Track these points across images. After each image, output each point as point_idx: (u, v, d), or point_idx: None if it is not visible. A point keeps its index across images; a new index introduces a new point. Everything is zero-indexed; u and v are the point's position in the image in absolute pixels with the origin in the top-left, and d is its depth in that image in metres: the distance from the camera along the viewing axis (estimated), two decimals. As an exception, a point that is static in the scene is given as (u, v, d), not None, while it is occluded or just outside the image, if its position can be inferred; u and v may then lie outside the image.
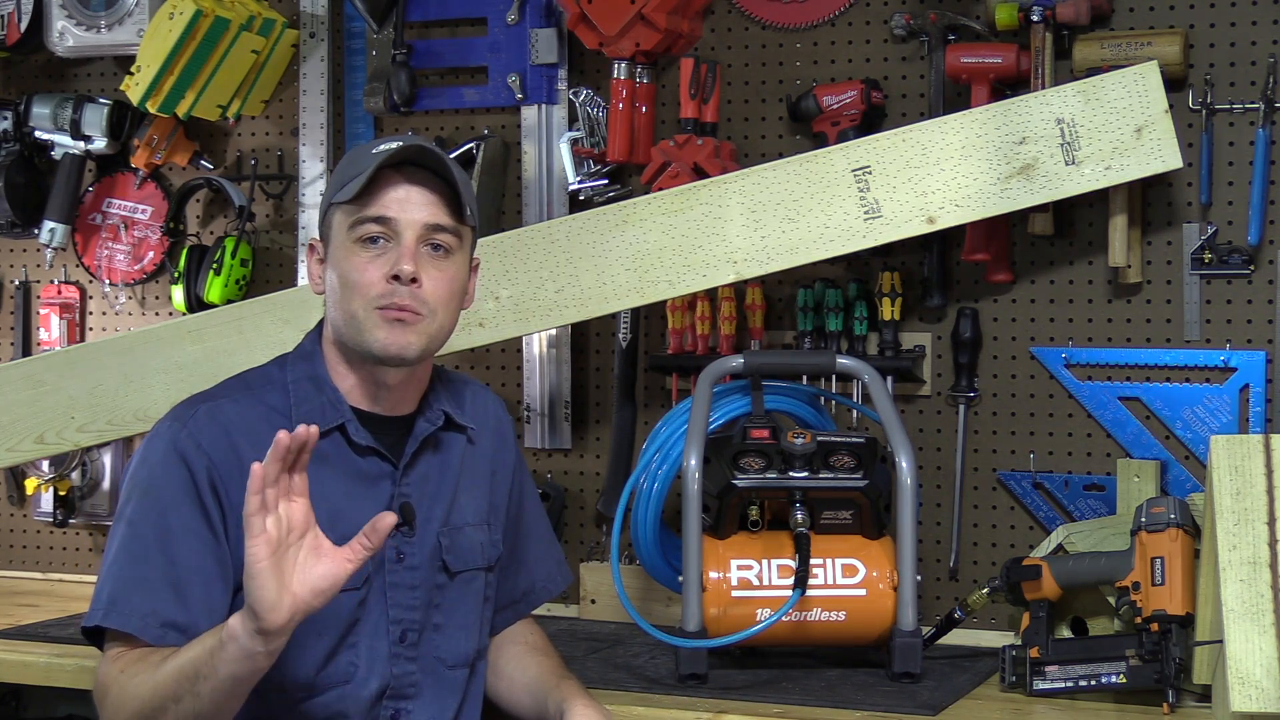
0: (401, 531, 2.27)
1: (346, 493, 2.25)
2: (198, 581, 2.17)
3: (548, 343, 3.23)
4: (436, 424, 2.33)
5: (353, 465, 2.27)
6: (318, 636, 2.22)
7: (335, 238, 2.25)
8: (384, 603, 2.27)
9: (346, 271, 2.23)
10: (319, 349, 2.31)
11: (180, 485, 2.18)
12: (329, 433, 2.25)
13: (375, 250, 2.22)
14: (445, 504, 2.33)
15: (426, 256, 2.23)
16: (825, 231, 2.79)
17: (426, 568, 2.31)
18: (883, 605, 2.62)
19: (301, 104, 3.40)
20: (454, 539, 2.34)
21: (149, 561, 2.17)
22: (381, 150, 2.23)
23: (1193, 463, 2.82)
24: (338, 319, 2.26)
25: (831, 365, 2.77)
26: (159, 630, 2.14)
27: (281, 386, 2.28)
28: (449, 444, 2.36)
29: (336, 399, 2.27)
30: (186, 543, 2.17)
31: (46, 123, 3.49)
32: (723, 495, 2.63)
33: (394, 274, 2.20)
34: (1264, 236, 2.78)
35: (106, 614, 2.16)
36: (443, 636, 2.32)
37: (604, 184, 3.15)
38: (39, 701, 3.08)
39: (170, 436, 2.21)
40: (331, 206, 2.26)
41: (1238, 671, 2.25)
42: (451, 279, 2.26)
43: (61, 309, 3.59)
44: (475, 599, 2.38)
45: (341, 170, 2.28)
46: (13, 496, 3.65)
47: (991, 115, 2.75)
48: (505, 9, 3.22)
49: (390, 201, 2.22)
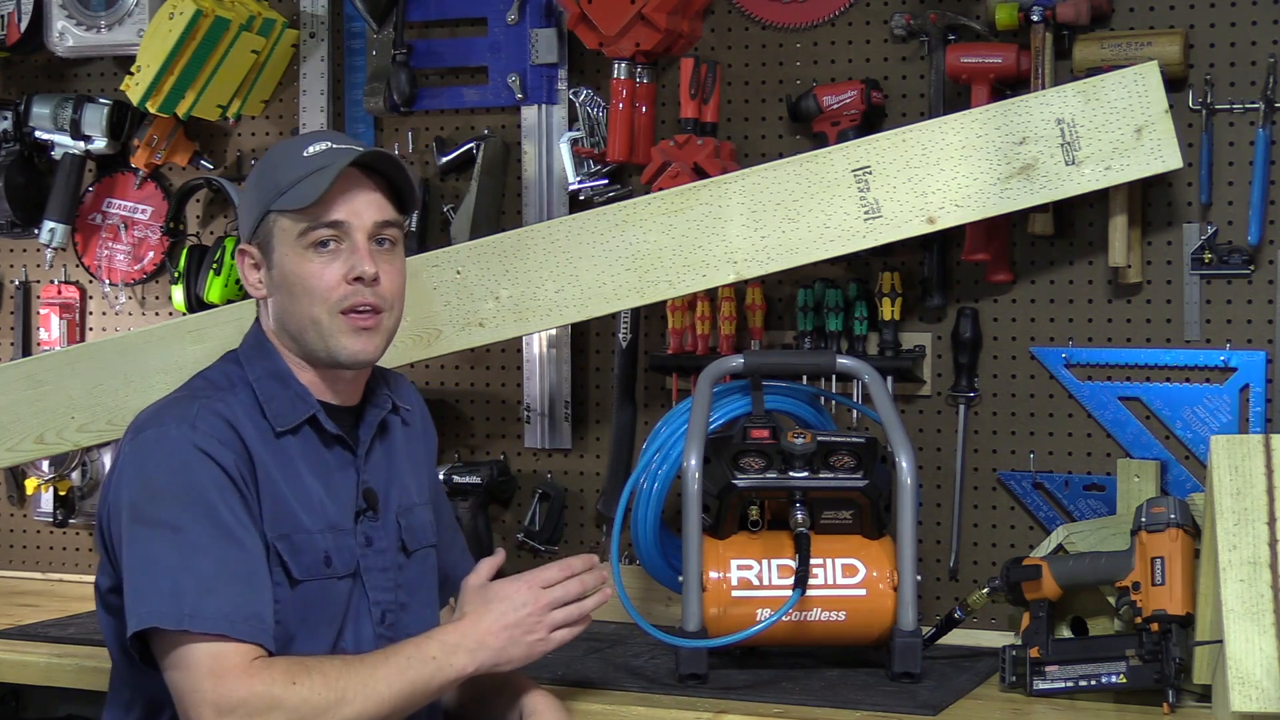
0: (368, 517, 2.34)
1: (324, 483, 2.32)
2: (259, 569, 2.21)
3: (548, 343, 3.23)
4: (385, 409, 2.41)
5: (321, 457, 2.33)
6: (328, 624, 2.29)
7: (280, 244, 2.29)
8: (364, 586, 2.33)
9: (302, 277, 2.27)
10: (269, 344, 2.35)
11: (215, 481, 2.20)
12: (301, 425, 2.30)
13: (327, 253, 2.27)
14: (398, 486, 2.41)
15: (377, 252, 2.30)
16: (825, 231, 2.79)
17: (392, 550, 2.38)
18: (883, 605, 2.62)
19: (301, 104, 3.40)
20: (409, 519, 2.42)
21: (215, 559, 2.17)
22: (316, 154, 2.27)
23: (1193, 463, 2.82)
24: (294, 324, 2.30)
25: (831, 365, 2.77)
26: (245, 625, 2.15)
27: (245, 385, 2.32)
28: (392, 428, 2.44)
29: (303, 392, 2.33)
30: (242, 534, 2.20)
31: (46, 123, 3.49)
32: (723, 495, 2.63)
33: (355, 276, 2.26)
34: (1264, 236, 2.78)
35: (191, 619, 2.13)
36: (410, 615, 2.39)
37: (604, 184, 3.15)
38: (39, 701, 3.08)
39: (187, 438, 2.21)
40: (272, 213, 2.29)
41: (1238, 671, 2.25)
42: (400, 270, 2.35)
43: (61, 309, 3.59)
44: (431, 574, 2.47)
45: (273, 175, 2.30)
46: (13, 496, 3.65)
47: (991, 115, 2.75)
48: (505, 9, 3.22)
49: (339, 205, 2.27)
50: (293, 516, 2.25)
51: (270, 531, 2.23)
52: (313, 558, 2.26)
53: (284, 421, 2.28)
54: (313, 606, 2.26)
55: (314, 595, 2.26)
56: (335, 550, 2.29)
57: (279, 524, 2.24)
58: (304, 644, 2.25)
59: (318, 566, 2.26)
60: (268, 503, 2.24)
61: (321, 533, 2.27)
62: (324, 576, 2.27)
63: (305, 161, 2.27)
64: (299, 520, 2.26)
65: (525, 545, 3.23)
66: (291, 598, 2.24)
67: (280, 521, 2.24)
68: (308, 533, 2.26)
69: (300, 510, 2.26)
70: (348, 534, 2.31)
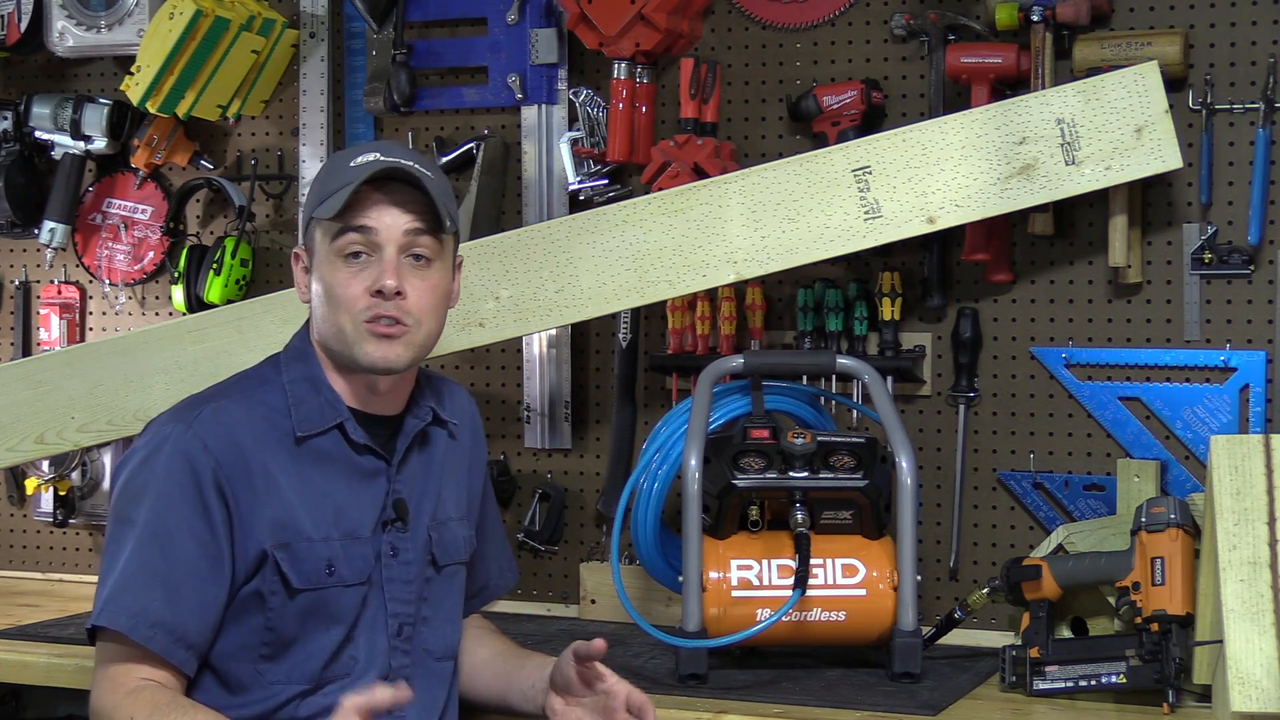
0: (396, 527, 2.32)
1: (348, 490, 2.30)
2: (190, 582, 2.20)
3: (548, 343, 3.23)
4: (425, 420, 2.39)
5: (352, 463, 2.31)
6: (326, 631, 2.27)
7: (318, 250, 2.29)
8: (382, 597, 2.31)
9: (331, 286, 2.27)
10: (310, 349, 2.34)
11: (180, 485, 2.21)
12: (328, 431, 2.29)
13: (358, 265, 2.26)
14: (433, 499, 2.39)
15: (408, 267, 2.27)
16: (825, 231, 2.79)
17: (419, 562, 2.36)
18: (883, 605, 2.62)
19: (301, 104, 3.40)
20: (441, 533, 2.39)
21: (143, 562, 2.20)
22: (360, 165, 2.26)
23: (1193, 463, 2.82)
24: (325, 331, 2.30)
25: (831, 365, 2.77)
26: (148, 630, 2.18)
27: (279, 387, 2.31)
28: (434, 440, 2.41)
29: (334, 399, 2.31)
30: (181, 543, 2.20)
31: (46, 123, 3.48)
32: (723, 495, 2.63)
33: (377, 289, 2.24)
34: (1264, 236, 2.78)
35: (100, 613, 2.20)
36: (431, 629, 2.38)
37: (604, 184, 3.15)
38: (39, 701, 3.09)
39: (175, 438, 2.23)
40: (313, 220, 2.29)
41: (1238, 671, 2.25)
42: (434, 287, 2.29)
43: (61, 309, 3.58)
44: (458, 591, 2.45)
45: (320, 183, 2.31)
46: (13, 496, 3.65)
47: (991, 115, 2.75)
48: (505, 9, 3.21)
49: (370, 216, 2.25)
50: (295, 525, 2.25)
51: (269, 540, 2.23)
52: (314, 567, 2.25)
53: (307, 427, 2.28)
54: (312, 615, 2.26)
55: (315, 603, 2.26)
56: (344, 559, 2.27)
57: (279, 533, 2.24)
58: (302, 651, 2.25)
59: (319, 575, 2.25)
60: (266, 511, 2.23)
61: (326, 541, 2.26)
62: (326, 585, 2.26)
63: (349, 171, 2.26)
64: (301, 528, 2.25)
65: (525, 545, 3.24)
66: (289, 606, 2.24)
67: (281, 530, 2.24)
68: (309, 541, 2.25)
69: (305, 518, 2.25)
70: (364, 542, 2.30)
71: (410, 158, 2.28)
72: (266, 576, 2.23)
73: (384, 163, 2.25)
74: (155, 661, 2.19)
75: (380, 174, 2.24)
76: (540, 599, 3.25)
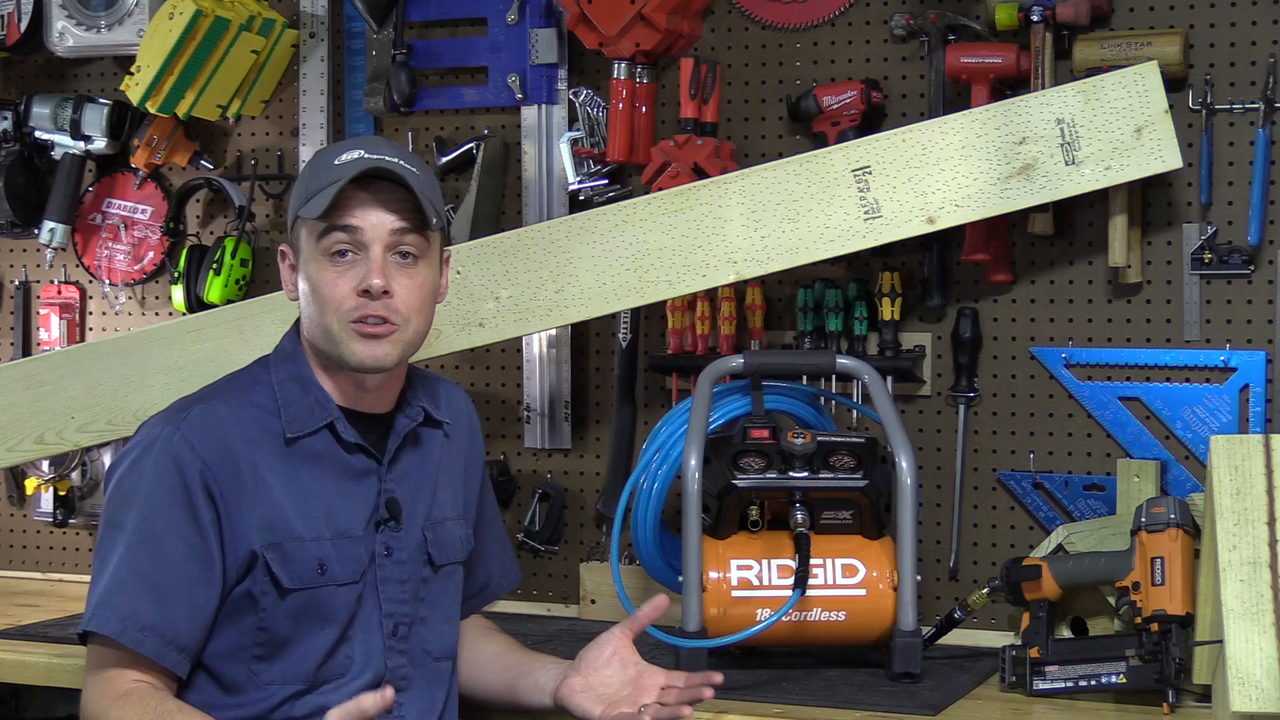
0: (389, 527, 2.32)
1: (338, 490, 2.30)
2: (180, 585, 2.20)
3: (548, 343, 3.23)
4: (416, 420, 2.38)
5: (343, 462, 2.31)
6: (320, 631, 2.27)
7: (304, 249, 2.29)
8: (376, 597, 2.32)
9: (317, 285, 2.26)
10: (299, 349, 2.34)
11: (167, 488, 2.21)
12: (318, 431, 2.29)
13: (344, 264, 2.25)
14: (427, 499, 2.39)
15: (395, 265, 2.26)
16: (825, 231, 2.79)
17: (413, 562, 2.36)
18: (883, 605, 2.62)
19: (301, 104, 3.40)
20: (436, 533, 2.39)
21: (132, 566, 2.20)
22: (344, 163, 2.25)
23: (1193, 463, 2.82)
24: (313, 330, 2.30)
25: (831, 365, 2.77)
26: (138, 634, 2.18)
27: (268, 387, 2.32)
28: (428, 440, 2.41)
29: (324, 398, 2.31)
30: (170, 545, 2.20)
31: (46, 123, 3.48)
32: (723, 495, 2.63)
33: (364, 288, 2.24)
34: (1264, 236, 2.78)
35: (90, 618, 2.20)
36: (428, 629, 2.38)
37: (604, 184, 3.15)
38: (39, 701, 3.08)
39: (162, 440, 2.24)
40: (298, 219, 2.29)
41: (1238, 671, 2.25)
42: (421, 285, 2.29)
43: (61, 309, 3.58)
44: (455, 591, 2.45)
45: (305, 181, 2.31)
46: (13, 496, 3.65)
47: (991, 115, 2.75)
48: (505, 9, 3.22)
49: (355, 216, 2.25)
50: (286, 525, 2.25)
51: (259, 541, 2.23)
52: (305, 566, 2.25)
53: (296, 427, 2.28)
54: (305, 615, 2.26)
55: (307, 603, 2.26)
56: (335, 558, 2.28)
57: (270, 533, 2.24)
58: (296, 651, 2.26)
59: (311, 575, 2.26)
60: (256, 512, 2.24)
61: (317, 540, 2.27)
62: (318, 585, 2.26)
63: (333, 169, 2.25)
64: (292, 528, 2.25)
65: (525, 545, 3.24)
66: (281, 605, 2.25)
67: (271, 530, 2.24)
68: (300, 540, 2.25)
69: (295, 518, 2.26)
70: (356, 541, 2.30)
71: (395, 154, 2.28)
72: (257, 577, 2.23)
73: (368, 160, 2.24)
74: (146, 665, 2.20)
75: (365, 173, 2.24)
76: (540, 599, 3.25)
